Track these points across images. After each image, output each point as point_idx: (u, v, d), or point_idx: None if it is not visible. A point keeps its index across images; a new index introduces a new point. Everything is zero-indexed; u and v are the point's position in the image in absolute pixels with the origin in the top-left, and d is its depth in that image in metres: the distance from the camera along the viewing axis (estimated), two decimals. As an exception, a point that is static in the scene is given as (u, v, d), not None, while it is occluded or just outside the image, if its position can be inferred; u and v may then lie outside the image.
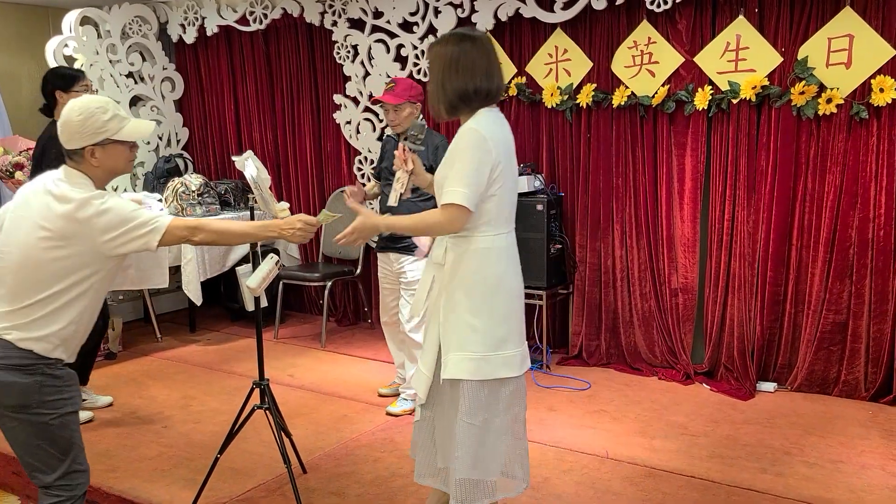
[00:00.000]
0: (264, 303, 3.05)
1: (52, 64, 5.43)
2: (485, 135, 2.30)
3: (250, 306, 3.03)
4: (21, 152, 4.82)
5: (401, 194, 2.51)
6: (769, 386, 4.17)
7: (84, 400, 3.86)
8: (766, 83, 3.99)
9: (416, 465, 2.55)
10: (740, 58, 4.05)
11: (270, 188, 2.86)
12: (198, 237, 2.36)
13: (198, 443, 3.61)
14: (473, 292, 2.35)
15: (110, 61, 5.76)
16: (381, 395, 4.18)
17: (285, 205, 2.91)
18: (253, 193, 2.98)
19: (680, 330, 4.43)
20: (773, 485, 3.12)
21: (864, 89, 3.80)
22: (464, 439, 2.33)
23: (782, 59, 3.96)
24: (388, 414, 3.91)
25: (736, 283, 4.23)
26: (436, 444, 2.50)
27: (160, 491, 3.12)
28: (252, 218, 3.07)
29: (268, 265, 2.93)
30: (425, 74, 5.04)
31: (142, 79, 6.02)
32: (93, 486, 3.17)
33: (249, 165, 2.82)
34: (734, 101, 4.09)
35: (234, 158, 2.95)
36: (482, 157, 2.28)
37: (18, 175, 4.73)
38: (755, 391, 4.14)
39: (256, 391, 3.08)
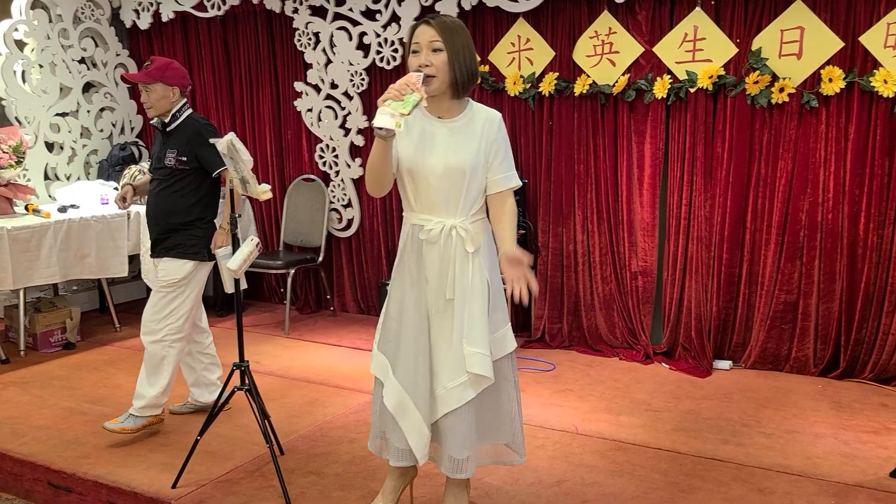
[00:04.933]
0: (244, 285, 3.06)
1: (2, 49, 5.29)
2: None
3: (230, 288, 3.03)
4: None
5: (403, 115, 2.21)
6: (725, 364, 4.35)
7: None
8: (722, 73, 4.15)
9: (420, 447, 2.50)
10: (697, 48, 4.20)
11: (253, 170, 2.87)
12: None
13: (170, 428, 3.59)
14: (496, 269, 2.52)
15: (62, 46, 5.63)
16: (172, 412, 3.79)
17: (266, 186, 2.92)
18: (232, 176, 2.98)
19: (640, 312, 4.57)
20: (735, 454, 3.27)
21: (814, 79, 3.99)
22: (517, 406, 2.62)
23: (737, 50, 4.12)
24: (106, 429, 3.42)
25: (693, 266, 4.39)
26: (480, 422, 2.54)
27: (138, 475, 3.10)
28: (232, 203, 3.06)
29: (248, 247, 2.95)
30: (388, 62, 5.07)
31: (94, 65, 5.90)
32: (65, 472, 3.16)
33: (231, 147, 2.82)
34: (692, 90, 4.25)
35: (212, 141, 2.95)
36: None
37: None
38: (712, 369, 4.32)
39: (235, 373, 3.09)
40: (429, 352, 2.51)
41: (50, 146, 5.64)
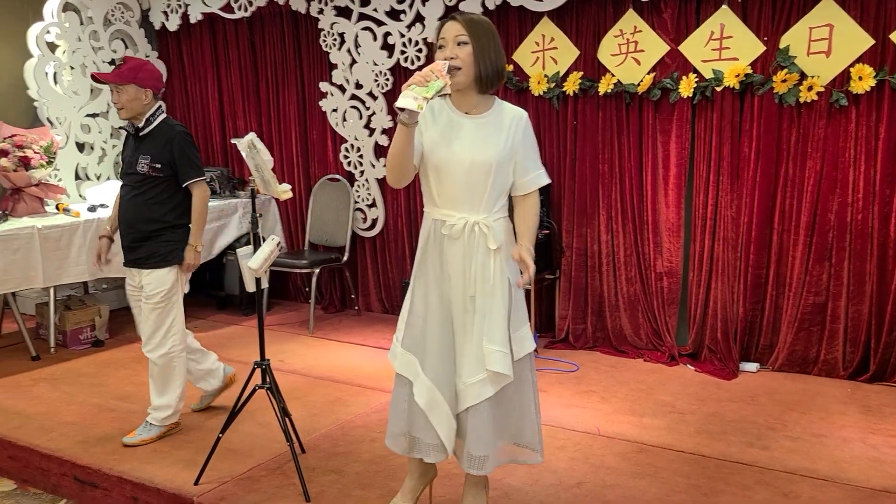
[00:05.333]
0: (265, 284, 3.08)
1: (35, 51, 5.39)
2: None
3: (251, 287, 3.06)
4: (5, 139, 4.79)
5: (426, 99, 2.19)
6: (751, 366, 4.29)
7: None
8: (749, 71, 4.10)
9: (450, 440, 2.52)
10: (724, 46, 4.15)
11: (273, 170, 2.89)
12: None
13: (194, 426, 3.63)
14: (517, 268, 2.50)
15: (93, 48, 5.72)
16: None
17: (287, 186, 2.95)
18: (253, 176, 3.00)
19: (664, 313, 4.53)
20: (760, 457, 3.23)
21: (844, 77, 3.92)
22: (535, 406, 2.61)
23: (765, 48, 4.06)
24: (126, 445, 3.40)
25: (719, 267, 4.34)
26: (500, 421, 2.54)
27: (161, 471, 3.14)
28: (254, 203, 3.09)
29: (269, 246, 2.98)
30: (412, 62, 5.08)
31: (124, 66, 5.97)
32: (91, 467, 3.21)
33: (252, 147, 2.84)
34: (718, 89, 4.20)
35: (234, 141, 2.98)
36: None
37: (3, 162, 4.70)
38: (738, 371, 4.26)
39: (257, 372, 3.11)
40: (453, 346, 2.52)
41: (81, 146, 5.73)
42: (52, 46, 5.52)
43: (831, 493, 2.91)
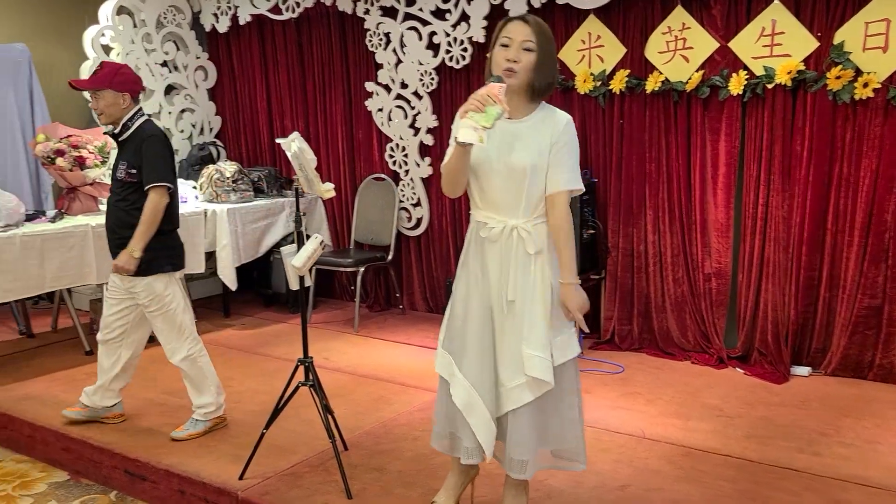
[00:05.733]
0: (308, 282, 3.11)
1: (90, 53, 5.53)
2: None
3: (295, 285, 3.09)
4: (62, 139, 4.93)
5: (486, 128, 2.21)
6: (803, 370, 4.19)
7: None
8: (802, 68, 3.99)
9: (489, 443, 2.50)
10: (776, 43, 4.05)
11: (316, 169, 2.92)
12: None
13: (239, 421, 3.69)
14: (557, 272, 2.47)
15: (146, 50, 5.86)
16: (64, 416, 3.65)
17: (330, 185, 2.97)
18: (297, 176, 3.03)
19: (713, 314, 4.45)
20: (810, 464, 3.14)
21: (902, 73, 3.80)
22: (579, 412, 2.57)
23: (818, 44, 3.96)
24: (175, 440, 3.45)
25: (770, 268, 4.24)
26: (541, 427, 2.51)
27: (207, 465, 3.19)
28: (298, 201, 3.12)
29: (312, 245, 3.00)
30: (457, 62, 5.08)
31: (176, 68, 6.11)
32: (140, 460, 3.28)
33: (294, 146, 2.87)
34: (769, 86, 4.10)
35: (278, 140, 3.01)
36: None
37: (60, 161, 4.83)
38: (789, 375, 4.16)
39: (300, 369, 3.14)
40: (493, 349, 2.50)
41: (133, 147, 5.85)
42: (107, 49, 5.66)
43: (884, 501, 2.82)
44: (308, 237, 3.05)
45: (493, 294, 2.49)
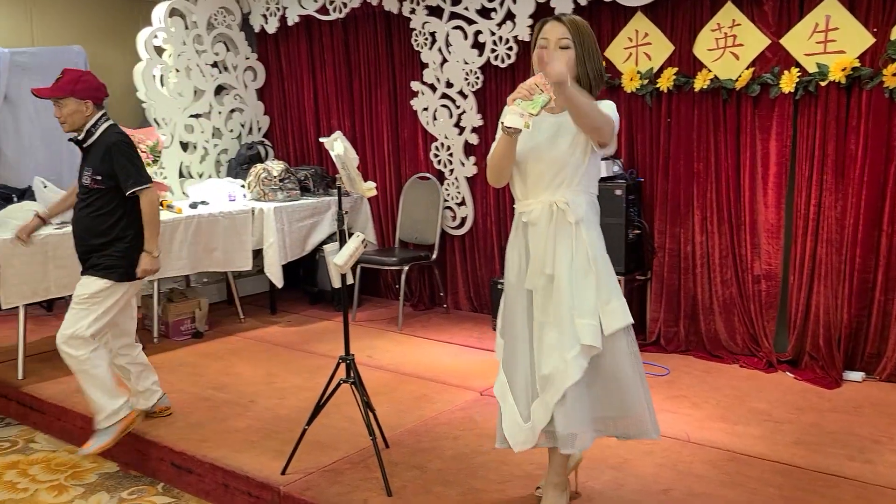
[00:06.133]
0: (350, 280, 3.13)
1: (143, 54, 5.66)
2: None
3: (337, 283, 3.11)
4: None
5: (532, 115, 2.25)
6: (856, 375, 4.07)
7: None
8: (857, 65, 3.88)
9: (512, 434, 2.57)
10: (829, 39, 3.95)
11: (358, 168, 2.94)
12: None
13: (283, 417, 3.73)
14: (602, 243, 2.53)
15: (196, 51, 5.97)
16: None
17: (372, 184, 2.99)
18: (340, 174, 3.06)
19: (762, 317, 4.35)
20: (861, 472, 3.05)
21: (963, 69, 3.67)
22: (641, 379, 2.57)
23: (874, 40, 3.84)
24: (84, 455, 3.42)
25: (822, 270, 4.13)
26: (596, 398, 2.53)
27: (250, 460, 3.24)
28: (340, 200, 3.14)
29: (354, 243, 3.02)
30: (502, 61, 5.06)
31: (226, 68, 6.21)
32: (186, 453, 3.35)
33: (338, 145, 2.90)
34: (822, 84, 3.99)
35: (321, 140, 3.04)
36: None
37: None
38: (841, 380, 4.04)
39: (342, 366, 3.17)
40: (529, 338, 2.55)
41: (184, 146, 5.98)
42: (160, 50, 5.79)
43: (940, 514, 2.73)
44: (350, 235, 3.07)
45: (534, 274, 2.51)
